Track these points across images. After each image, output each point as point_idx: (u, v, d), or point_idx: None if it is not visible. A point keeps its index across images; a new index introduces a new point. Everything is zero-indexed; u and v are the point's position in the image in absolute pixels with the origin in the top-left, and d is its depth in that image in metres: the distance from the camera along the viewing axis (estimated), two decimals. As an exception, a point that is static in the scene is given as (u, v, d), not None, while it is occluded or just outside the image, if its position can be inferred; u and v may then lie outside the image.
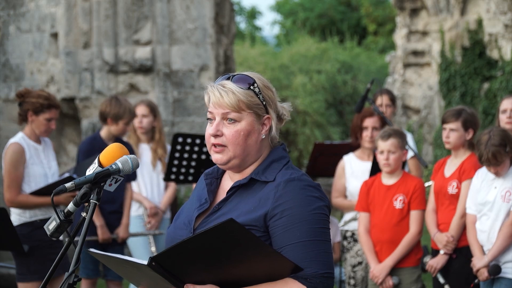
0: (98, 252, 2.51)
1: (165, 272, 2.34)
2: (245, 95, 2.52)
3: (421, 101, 13.21)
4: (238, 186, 2.56)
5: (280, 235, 2.44)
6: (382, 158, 5.46)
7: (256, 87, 2.54)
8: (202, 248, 2.29)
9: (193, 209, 2.64)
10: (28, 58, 10.97)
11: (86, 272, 6.20)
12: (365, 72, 21.06)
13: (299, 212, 2.44)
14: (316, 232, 2.44)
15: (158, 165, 6.60)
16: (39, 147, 5.64)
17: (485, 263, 4.95)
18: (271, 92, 2.59)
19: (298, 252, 2.40)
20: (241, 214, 2.48)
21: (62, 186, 2.40)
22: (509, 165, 5.00)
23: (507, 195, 4.91)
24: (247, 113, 2.53)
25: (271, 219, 2.45)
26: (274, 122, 2.58)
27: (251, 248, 2.30)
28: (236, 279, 2.38)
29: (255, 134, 2.55)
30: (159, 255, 2.32)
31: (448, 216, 5.38)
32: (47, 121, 5.54)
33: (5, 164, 5.54)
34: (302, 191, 2.48)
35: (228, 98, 2.51)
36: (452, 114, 5.46)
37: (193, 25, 10.75)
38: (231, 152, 2.54)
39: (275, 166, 2.56)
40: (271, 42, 32.99)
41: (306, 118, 18.54)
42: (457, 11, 12.31)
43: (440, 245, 5.37)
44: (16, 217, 5.55)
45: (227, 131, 2.53)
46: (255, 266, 2.35)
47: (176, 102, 10.74)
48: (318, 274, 2.40)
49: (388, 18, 27.61)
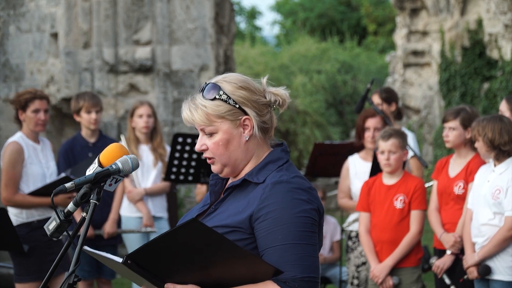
0: (91, 250, 2.51)
1: (142, 271, 2.34)
2: (212, 107, 2.51)
3: (421, 101, 13.21)
4: (233, 187, 2.56)
5: (263, 238, 2.42)
6: (383, 158, 5.46)
7: (223, 94, 2.51)
8: (173, 247, 2.29)
9: (197, 210, 2.65)
10: (28, 58, 10.97)
11: (82, 274, 6.17)
12: (365, 72, 21.07)
13: (283, 214, 2.42)
14: (300, 235, 2.41)
15: (159, 165, 6.60)
16: (38, 146, 5.65)
17: (475, 262, 4.95)
18: (245, 90, 2.54)
19: (280, 255, 2.39)
20: (230, 215, 2.48)
21: (62, 186, 2.40)
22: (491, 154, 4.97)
23: (497, 193, 4.89)
24: (220, 123, 2.52)
25: (256, 221, 2.44)
26: (255, 120, 2.54)
27: (223, 250, 2.29)
28: (218, 280, 2.38)
29: (236, 139, 2.54)
30: (133, 252, 2.32)
31: (453, 216, 5.37)
32: (34, 113, 5.58)
33: (3, 163, 5.55)
34: (288, 193, 2.45)
35: (197, 114, 2.52)
36: (451, 113, 5.47)
37: (193, 25, 10.75)
38: (219, 162, 2.56)
39: (269, 167, 2.55)
40: (271, 42, 33.00)
41: (306, 118, 18.54)
42: (457, 11, 12.31)
43: (447, 245, 5.36)
44: (13, 217, 5.51)
45: (209, 143, 2.55)
46: (233, 267, 2.34)
47: (176, 102, 10.74)
48: (297, 278, 2.37)
49: (388, 18, 27.62)
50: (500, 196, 4.85)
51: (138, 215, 6.55)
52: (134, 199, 6.48)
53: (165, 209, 6.75)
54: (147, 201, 6.57)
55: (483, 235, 4.93)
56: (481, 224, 4.93)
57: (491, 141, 4.87)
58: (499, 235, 4.84)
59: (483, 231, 4.93)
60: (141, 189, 6.51)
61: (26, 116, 5.60)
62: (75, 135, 6.53)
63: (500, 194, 4.86)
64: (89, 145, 6.34)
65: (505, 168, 4.92)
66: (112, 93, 10.70)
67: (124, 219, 6.55)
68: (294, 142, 18.39)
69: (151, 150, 6.60)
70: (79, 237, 2.41)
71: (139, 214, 6.54)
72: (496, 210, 4.88)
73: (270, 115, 2.59)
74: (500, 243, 4.85)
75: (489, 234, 4.90)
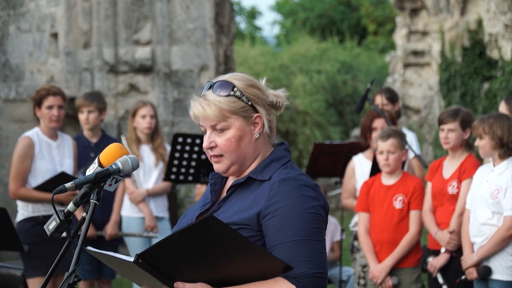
0: (94, 250, 2.51)
1: (153, 270, 2.34)
2: (226, 103, 2.52)
3: (421, 101, 13.22)
4: (237, 185, 2.57)
5: (272, 234, 2.43)
6: (382, 158, 5.46)
7: (237, 91, 2.53)
8: (187, 245, 2.28)
9: (197, 209, 2.65)
10: (28, 58, 10.97)
11: (82, 274, 6.19)
12: (365, 72, 21.07)
13: (292, 211, 2.43)
14: (309, 231, 2.43)
15: (160, 166, 6.60)
16: (53, 143, 5.75)
17: (474, 263, 4.96)
18: (255, 89, 2.57)
19: (289, 251, 2.40)
20: (236, 212, 2.49)
21: (62, 186, 2.40)
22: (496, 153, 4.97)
23: (496, 192, 4.89)
24: (233, 119, 2.53)
25: (264, 218, 2.45)
26: (265, 118, 2.57)
27: (236, 246, 2.29)
28: (227, 278, 2.38)
29: (247, 136, 2.56)
30: (144, 252, 2.32)
31: (448, 216, 5.38)
32: (48, 109, 5.70)
33: (13, 156, 5.68)
34: (296, 190, 2.47)
35: (210, 110, 2.52)
36: (449, 115, 5.45)
37: (193, 25, 10.75)
38: (228, 160, 2.56)
39: (273, 165, 2.56)
40: (271, 42, 33.01)
41: (306, 118, 18.55)
42: (457, 11, 12.31)
43: (443, 243, 5.37)
44: (20, 211, 5.68)
45: (219, 140, 2.54)
46: (244, 264, 2.34)
47: (176, 102, 10.74)
48: (308, 273, 2.38)
49: (388, 18, 27.62)
50: (499, 195, 4.86)
51: (140, 215, 6.55)
52: (137, 200, 6.48)
53: (166, 209, 6.76)
54: (149, 201, 6.57)
55: (482, 235, 4.94)
56: (480, 224, 4.94)
57: (500, 139, 4.88)
58: (498, 235, 4.85)
59: (482, 230, 4.93)
60: (143, 190, 6.52)
61: (41, 112, 5.73)
62: (78, 134, 6.59)
63: (499, 193, 4.86)
64: (91, 145, 6.37)
65: (504, 168, 4.93)
66: (112, 93, 10.70)
67: (126, 220, 6.55)
68: (294, 142, 18.39)
69: (152, 151, 6.61)
70: (79, 237, 2.41)
71: (141, 214, 6.54)
72: (495, 210, 4.88)
73: (273, 115, 2.63)
74: (499, 242, 4.85)
75: (488, 234, 4.91)
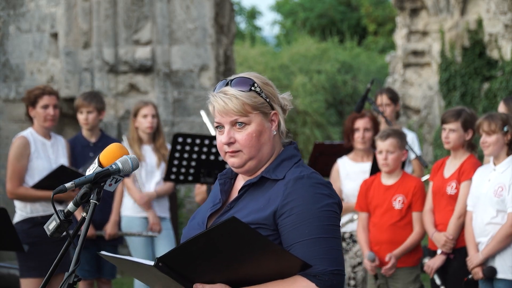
0: (109, 254, 2.51)
1: (173, 273, 2.34)
2: (248, 97, 2.54)
3: (421, 101, 13.21)
4: (249, 185, 2.58)
5: (289, 233, 2.44)
6: (381, 158, 5.47)
7: (257, 87, 2.56)
8: (208, 247, 2.29)
9: (207, 209, 2.65)
10: (28, 58, 10.97)
11: (82, 273, 6.19)
12: (365, 72, 21.06)
13: (308, 209, 2.45)
14: (325, 229, 2.44)
15: (162, 166, 6.60)
16: (48, 142, 5.78)
17: (480, 262, 4.96)
18: (271, 87, 2.62)
19: (307, 250, 2.41)
20: (250, 212, 2.49)
21: (62, 186, 2.41)
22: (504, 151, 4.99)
23: (499, 190, 4.90)
24: (254, 114, 2.55)
25: (280, 217, 2.46)
26: (281, 116, 2.61)
27: (257, 246, 2.30)
28: (245, 278, 2.38)
29: (267, 132, 2.58)
30: (165, 255, 2.32)
31: (446, 216, 5.37)
32: (43, 108, 5.72)
33: (9, 156, 5.71)
34: (311, 188, 2.48)
35: (232, 104, 2.53)
36: (452, 115, 5.44)
37: (193, 25, 10.75)
38: (246, 155, 2.56)
39: (285, 164, 2.58)
40: (271, 42, 32.98)
41: (306, 118, 18.54)
42: (457, 11, 12.31)
43: (439, 245, 5.37)
44: (18, 212, 5.69)
45: (239, 136, 2.55)
46: (263, 264, 2.35)
47: (176, 102, 10.74)
48: (327, 271, 2.40)
49: (388, 18, 27.60)
50: (503, 193, 4.88)
51: (142, 215, 6.56)
52: (147, 203, 6.50)
53: (168, 209, 6.77)
54: (153, 202, 6.58)
55: (487, 234, 4.95)
56: (485, 223, 4.95)
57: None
58: (502, 232, 4.86)
59: (487, 230, 4.94)
60: (152, 192, 6.53)
61: (36, 112, 5.75)
62: (77, 134, 6.60)
63: (503, 191, 4.88)
64: (90, 145, 6.37)
65: (506, 166, 4.96)
66: (112, 93, 10.70)
67: (129, 220, 6.55)
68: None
69: (154, 151, 6.61)
70: (79, 237, 2.41)
71: (144, 214, 6.55)
72: (499, 208, 4.90)
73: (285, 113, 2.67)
74: (503, 239, 4.86)
75: (493, 233, 4.92)
